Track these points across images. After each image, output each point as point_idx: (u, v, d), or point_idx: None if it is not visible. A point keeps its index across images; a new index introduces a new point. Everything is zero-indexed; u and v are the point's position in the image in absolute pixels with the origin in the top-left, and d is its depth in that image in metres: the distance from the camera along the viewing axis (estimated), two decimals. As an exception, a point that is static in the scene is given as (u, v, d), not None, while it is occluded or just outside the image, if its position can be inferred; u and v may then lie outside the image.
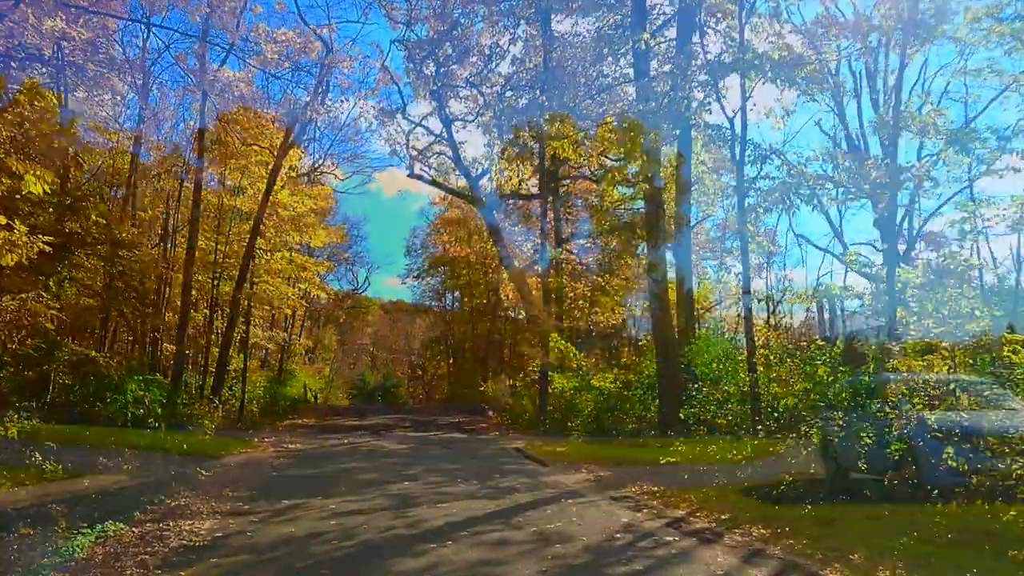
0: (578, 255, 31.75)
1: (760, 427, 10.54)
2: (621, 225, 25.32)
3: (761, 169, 11.96)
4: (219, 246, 27.08)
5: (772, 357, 11.74)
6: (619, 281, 28.26)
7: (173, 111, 28.71)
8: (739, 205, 11.84)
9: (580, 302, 31.24)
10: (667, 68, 13.66)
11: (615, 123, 19.72)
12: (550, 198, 24.75)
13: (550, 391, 21.99)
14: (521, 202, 34.26)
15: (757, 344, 14.56)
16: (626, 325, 35.73)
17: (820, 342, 12.08)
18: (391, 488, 10.72)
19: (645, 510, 9.12)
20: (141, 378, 14.55)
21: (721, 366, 12.89)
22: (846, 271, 18.14)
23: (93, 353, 15.00)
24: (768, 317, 17.97)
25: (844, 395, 9.29)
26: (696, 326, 14.19)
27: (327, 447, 16.92)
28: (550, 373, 22.28)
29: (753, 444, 10.39)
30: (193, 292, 28.28)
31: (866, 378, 9.14)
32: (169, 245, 27.66)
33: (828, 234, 24.53)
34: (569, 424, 19.26)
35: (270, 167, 25.98)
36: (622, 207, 25.24)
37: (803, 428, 9.34)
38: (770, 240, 28.60)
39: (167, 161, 27.10)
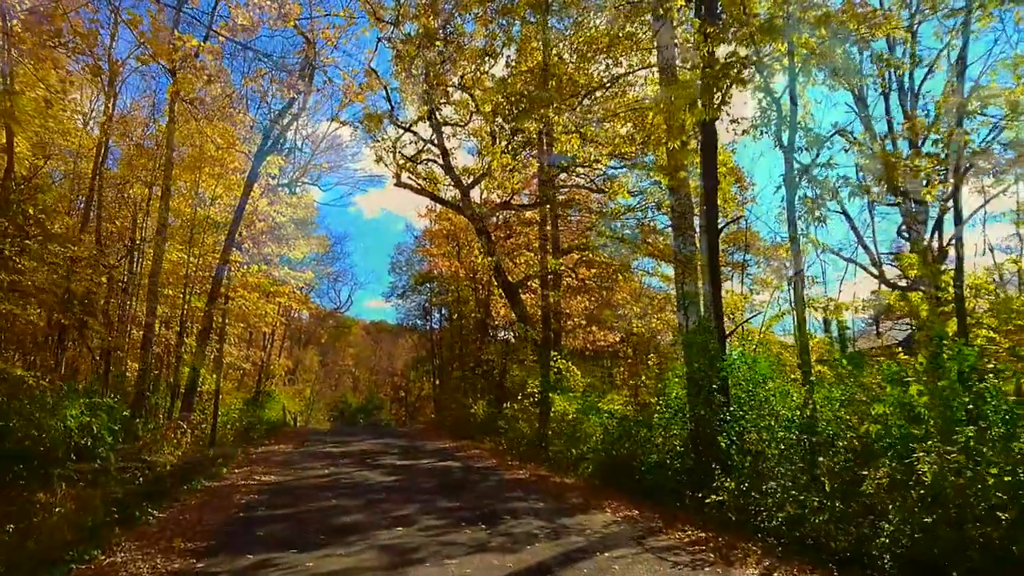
0: (574, 270, 30.04)
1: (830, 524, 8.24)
2: (624, 236, 23.68)
3: (818, 155, 10.31)
4: (192, 258, 25.13)
5: (839, 371, 9.87)
6: (623, 295, 26.59)
7: (144, 119, 27.04)
8: (788, 198, 10.07)
9: (576, 319, 29.42)
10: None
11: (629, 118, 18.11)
12: (547, 207, 22.95)
13: (551, 414, 20.11)
14: (515, 213, 32.56)
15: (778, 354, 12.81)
16: (625, 344, 33.99)
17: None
18: (382, 536, 8.77)
19: (707, 569, 7.27)
20: (87, 401, 12.48)
21: (763, 388, 11.09)
22: (879, 284, 16.35)
23: (19, 371, 12.84)
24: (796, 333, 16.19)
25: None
26: (727, 341, 12.32)
27: (305, 478, 14.90)
28: (550, 395, 20.42)
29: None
30: (164, 308, 26.36)
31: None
32: (137, 256, 25.67)
33: (840, 243, 22.71)
34: (573, 451, 17.38)
35: (247, 173, 24.11)
36: (628, 215, 23.63)
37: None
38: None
39: (136, 163, 25.14)
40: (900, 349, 18.55)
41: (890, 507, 7.19)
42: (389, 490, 13.05)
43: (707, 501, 9.70)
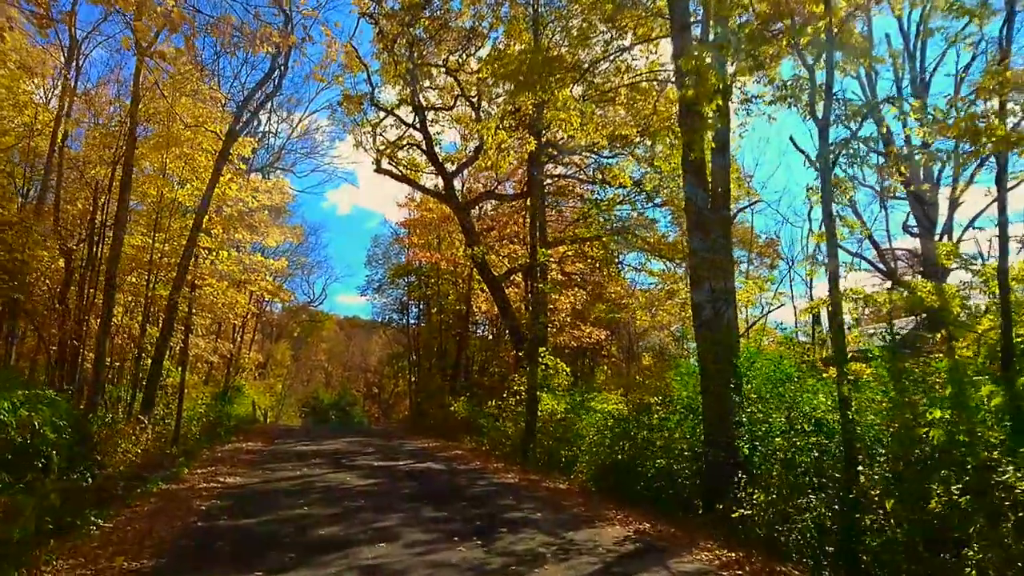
0: (560, 264, 28.92)
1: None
2: (618, 226, 22.59)
3: (859, 127, 9.22)
4: (158, 244, 23.58)
5: (882, 369, 8.78)
6: (616, 289, 25.51)
7: (110, 97, 25.46)
8: (822, 179, 8.98)
9: (563, 315, 28.27)
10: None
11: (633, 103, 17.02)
12: (537, 195, 21.74)
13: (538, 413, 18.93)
14: (499, 204, 31.38)
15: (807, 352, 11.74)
16: (609, 342, 32.96)
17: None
18: (362, 554, 7.52)
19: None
20: (25, 393, 11.05)
21: (790, 388, 10.00)
22: (893, 284, 15.36)
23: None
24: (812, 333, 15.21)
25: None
26: (740, 338, 11.23)
27: (274, 482, 13.58)
28: (538, 393, 19.26)
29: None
30: (127, 296, 24.83)
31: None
32: (98, 240, 24.05)
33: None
34: (564, 453, 16.21)
35: (217, 154, 22.61)
36: (622, 205, 22.54)
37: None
38: (775, 252, 26.10)
39: (99, 142, 23.55)
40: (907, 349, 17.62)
41: (971, 531, 6.09)
42: (367, 496, 11.79)
43: (733, 515, 8.55)
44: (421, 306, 41.39)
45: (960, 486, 6.39)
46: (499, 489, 13.17)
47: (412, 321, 44.44)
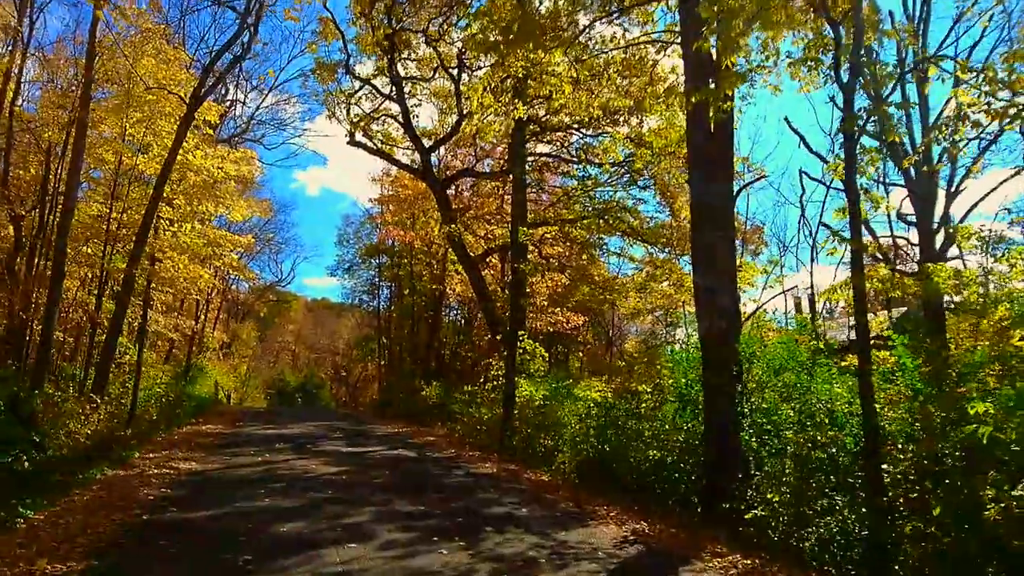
0: (539, 246, 27.97)
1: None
2: (600, 207, 21.69)
3: (892, 91, 8.39)
4: (115, 213, 22.18)
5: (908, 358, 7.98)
6: (600, 271, 24.66)
7: (69, 58, 23.94)
8: (847, 150, 8.18)
9: (540, 299, 27.36)
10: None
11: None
12: (519, 171, 20.74)
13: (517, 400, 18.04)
14: (477, 183, 30.33)
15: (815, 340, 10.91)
16: (586, 326, 32.19)
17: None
18: (330, 558, 6.55)
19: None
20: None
21: (804, 378, 9.20)
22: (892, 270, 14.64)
23: None
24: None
25: None
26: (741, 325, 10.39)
27: (234, 468, 12.52)
28: (517, 379, 18.36)
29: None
30: (82, 269, 23.49)
31: None
32: (51, 207, 22.58)
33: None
34: (546, 442, 15.31)
35: (181, 117, 21.24)
36: (603, 188, 21.65)
37: None
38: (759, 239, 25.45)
39: (54, 102, 22.08)
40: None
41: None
42: (336, 486, 10.79)
43: (745, 516, 7.71)
44: (393, 287, 40.25)
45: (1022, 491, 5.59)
46: (478, 480, 12.26)
47: (384, 304, 43.34)
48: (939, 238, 15.96)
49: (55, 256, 16.87)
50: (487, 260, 28.28)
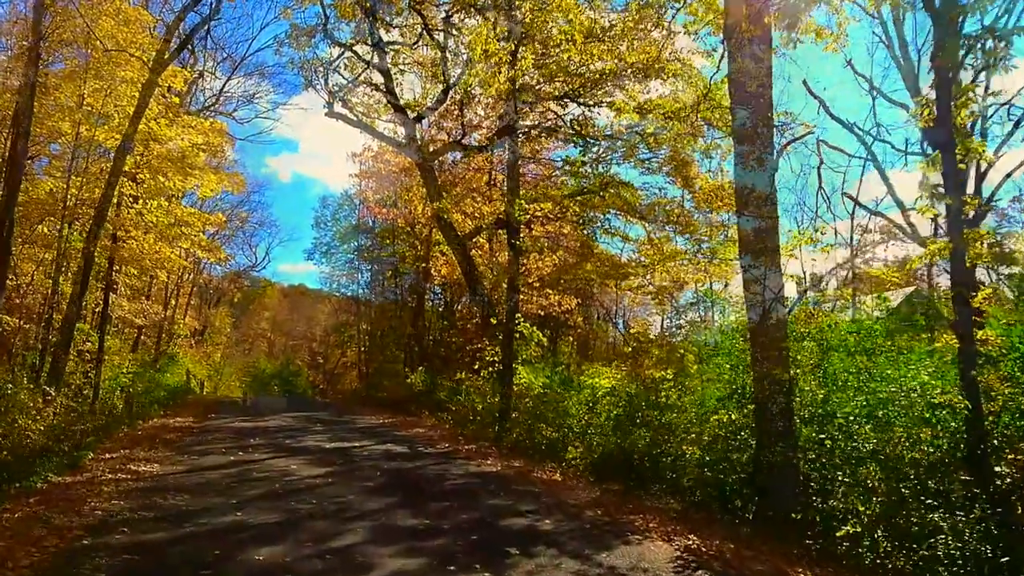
0: (529, 227, 26.40)
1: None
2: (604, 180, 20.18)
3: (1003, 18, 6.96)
4: (73, 189, 20.33)
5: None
6: (603, 248, 23.25)
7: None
8: (938, 90, 6.77)
9: (532, 279, 25.84)
10: None
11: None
12: (516, 140, 19.20)
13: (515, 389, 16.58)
14: (464, 158, 28.65)
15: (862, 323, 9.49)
16: (579, 310, 30.78)
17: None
18: (320, 602, 5.05)
19: None
20: None
21: (878, 364, 7.81)
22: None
23: None
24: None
25: None
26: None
27: (201, 471, 10.90)
28: (515, 366, 16.93)
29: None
30: (39, 250, 21.62)
31: None
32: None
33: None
34: (551, 434, 13.81)
35: (143, 83, 19.40)
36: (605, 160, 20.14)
37: None
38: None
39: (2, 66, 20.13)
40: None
41: None
42: (320, 493, 9.23)
43: (836, 534, 6.29)
44: (374, 268, 38.52)
45: None
46: (483, 480, 10.78)
47: (364, 289, 41.64)
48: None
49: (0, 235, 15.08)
50: (475, 241, 26.71)
